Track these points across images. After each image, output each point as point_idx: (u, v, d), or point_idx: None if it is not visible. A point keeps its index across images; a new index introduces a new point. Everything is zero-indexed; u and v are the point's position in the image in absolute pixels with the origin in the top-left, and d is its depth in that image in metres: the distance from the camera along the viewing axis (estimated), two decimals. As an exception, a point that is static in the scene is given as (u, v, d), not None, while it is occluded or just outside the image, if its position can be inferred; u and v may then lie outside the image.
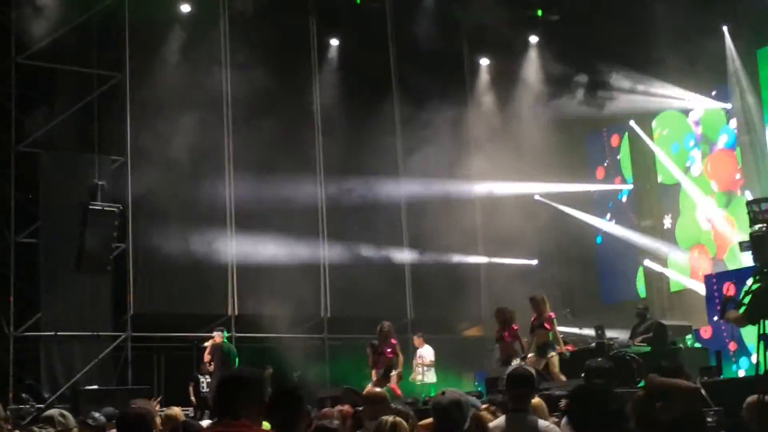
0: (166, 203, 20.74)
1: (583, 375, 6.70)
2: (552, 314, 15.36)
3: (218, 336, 18.43)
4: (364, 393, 8.82)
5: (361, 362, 17.63)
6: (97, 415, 9.22)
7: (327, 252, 23.02)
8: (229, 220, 22.02)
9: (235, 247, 21.78)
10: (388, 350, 16.29)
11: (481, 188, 24.21)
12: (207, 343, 18.60)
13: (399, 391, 15.93)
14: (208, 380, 19.39)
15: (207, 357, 18.39)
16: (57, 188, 20.32)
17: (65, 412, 7.32)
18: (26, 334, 19.83)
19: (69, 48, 20.57)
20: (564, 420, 6.98)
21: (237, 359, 18.47)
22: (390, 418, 6.40)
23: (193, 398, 18.92)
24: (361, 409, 7.97)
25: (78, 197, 19.40)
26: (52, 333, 19.92)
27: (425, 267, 23.80)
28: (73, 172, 20.39)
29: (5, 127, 20.24)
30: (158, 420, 7.91)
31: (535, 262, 24.67)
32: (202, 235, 21.14)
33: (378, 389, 8.28)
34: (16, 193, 20.00)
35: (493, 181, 23.97)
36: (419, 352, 19.36)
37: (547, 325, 15.17)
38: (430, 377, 19.04)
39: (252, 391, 4.43)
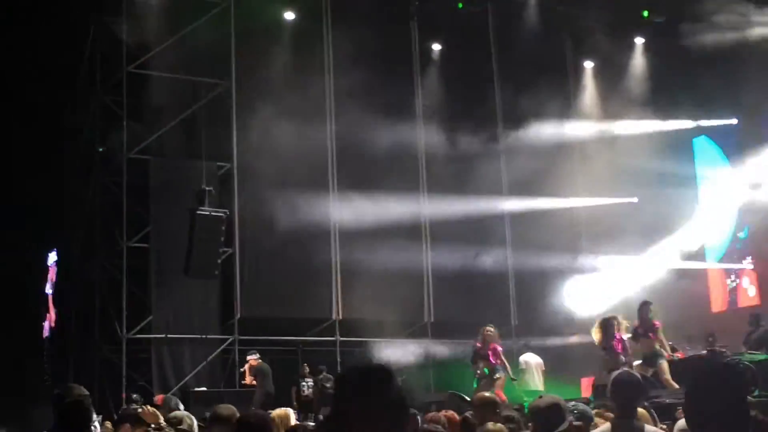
0: (272, 209, 21.04)
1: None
2: (657, 323, 15.12)
3: (253, 360, 18.79)
4: (473, 398, 8.83)
5: (465, 367, 17.58)
6: (207, 415, 9.54)
7: (430, 256, 23.13)
8: (333, 226, 22.28)
9: (340, 252, 22.11)
10: (491, 354, 16.25)
11: (583, 200, 24.12)
12: (244, 368, 18.96)
13: (504, 397, 15.83)
14: (310, 383, 19.87)
15: (249, 379, 18.72)
16: (166, 194, 20.83)
17: (192, 416, 7.54)
18: (138, 336, 20.39)
19: (177, 57, 21.08)
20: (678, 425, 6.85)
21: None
22: (490, 425, 6.41)
23: (295, 402, 19.28)
24: (469, 414, 8.00)
25: (186, 203, 19.80)
26: (163, 335, 20.44)
27: (529, 271, 23.64)
28: (182, 178, 20.87)
29: (117, 134, 20.88)
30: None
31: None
32: (307, 240, 21.42)
33: (487, 393, 8.26)
34: (128, 199, 20.60)
35: (597, 190, 23.84)
36: (522, 358, 19.23)
37: (651, 334, 14.95)
38: (538, 383, 18.90)
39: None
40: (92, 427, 5.40)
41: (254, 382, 18.63)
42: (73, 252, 22.52)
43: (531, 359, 19.12)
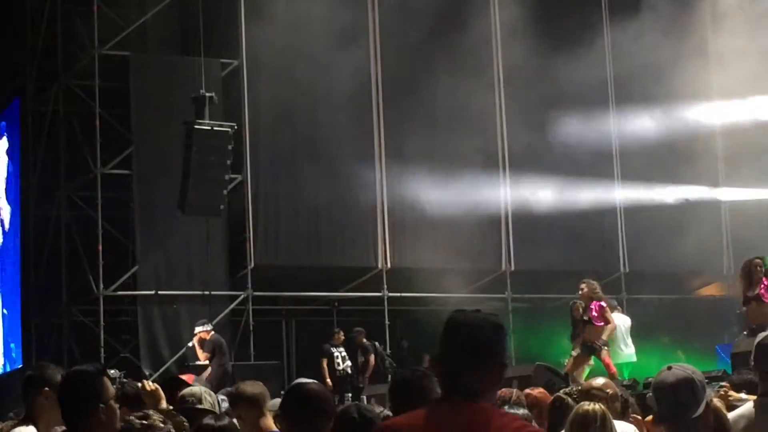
0: (295, 119, 21.07)
1: None
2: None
3: (204, 333, 18.90)
4: (582, 384, 8.87)
5: (556, 330, 17.62)
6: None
7: (509, 184, 22.99)
8: (378, 140, 22.18)
9: (386, 179, 22.05)
10: (594, 315, 16.17)
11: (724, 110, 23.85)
12: (193, 343, 19.02)
13: (614, 368, 15.86)
14: (344, 354, 20.00)
15: (203, 356, 18.81)
16: (152, 103, 20.86)
17: (211, 392, 7.69)
18: (119, 293, 20.61)
19: None
20: None
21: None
22: (590, 407, 6.52)
23: (328, 379, 19.37)
24: (564, 392, 7.98)
25: (180, 114, 19.75)
26: (152, 292, 20.61)
27: (643, 204, 23.70)
28: (173, 81, 20.88)
29: (85, 24, 20.82)
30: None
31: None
32: (343, 161, 21.44)
33: (600, 380, 7.99)
34: (102, 111, 20.57)
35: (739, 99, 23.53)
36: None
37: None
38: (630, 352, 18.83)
39: (493, 356, 4.39)
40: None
41: (207, 360, 18.76)
42: (29, 183, 22.67)
43: (621, 321, 19.03)
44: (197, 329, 19.01)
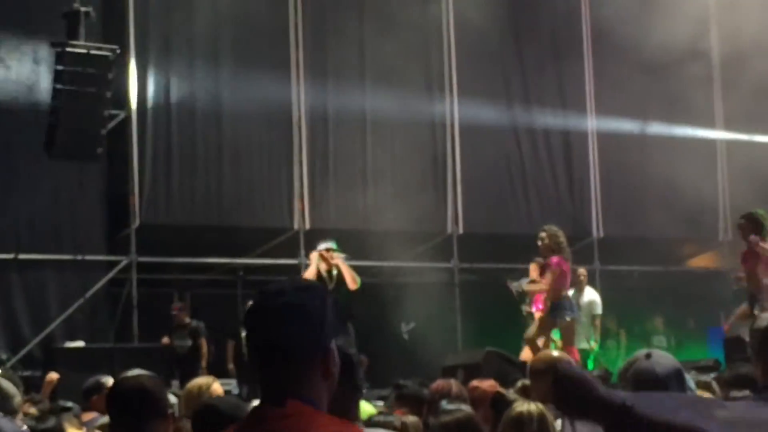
0: (194, 40, 21.12)
1: None
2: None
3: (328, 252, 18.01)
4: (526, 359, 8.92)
5: (514, 307, 17.68)
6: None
7: (457, 123, 23.05)
8: (297, 66, 22.08)
9: (306, 114, 21.98)
10: (548, 274, 16.31)
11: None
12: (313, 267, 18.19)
13: (577, 355, 15.97)
14: None
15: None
16: (12, 20, 20.50)
17: (4, 382, 7.68)
18: None
19: None
20: None
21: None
22: (525, 407, 6.61)
23: (231, 365, 19.62)
24: (519, 385, 8.17)
25: (47, 33, 19.55)
26: (11, 256, 20.40)
27: (623, 151, 23.91)
28: None
29: None
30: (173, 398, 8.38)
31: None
32: (253, 97, 21.27)
33: (556, 353, 8.40)
34: None
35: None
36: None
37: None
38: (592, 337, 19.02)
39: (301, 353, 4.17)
40: None
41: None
42: None
43: (589, 299, 19.24)
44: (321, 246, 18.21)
